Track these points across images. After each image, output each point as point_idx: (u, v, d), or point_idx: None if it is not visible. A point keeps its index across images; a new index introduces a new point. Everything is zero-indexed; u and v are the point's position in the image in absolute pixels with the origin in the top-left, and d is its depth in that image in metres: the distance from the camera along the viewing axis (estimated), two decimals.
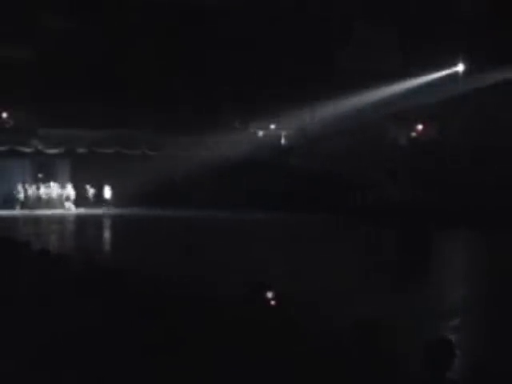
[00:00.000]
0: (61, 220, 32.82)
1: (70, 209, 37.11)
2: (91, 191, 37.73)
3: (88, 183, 37.52)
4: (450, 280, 17.00)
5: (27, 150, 37.28)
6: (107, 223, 32.75)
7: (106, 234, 28.75)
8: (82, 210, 36.89)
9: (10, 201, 36.46)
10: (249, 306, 8.59)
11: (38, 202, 37.10)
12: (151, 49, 38.58)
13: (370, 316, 6.56)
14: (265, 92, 37.73)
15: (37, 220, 32.24)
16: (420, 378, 5.97)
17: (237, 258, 18.35)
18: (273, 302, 8.63)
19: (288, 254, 20.39)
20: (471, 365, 9.63)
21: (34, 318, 9.95)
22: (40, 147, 37.51)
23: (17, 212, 35.38)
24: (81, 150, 38.11)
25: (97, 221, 32.62)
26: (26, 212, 35.35)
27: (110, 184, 37.11)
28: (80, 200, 37.56)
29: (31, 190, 37.00)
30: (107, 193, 37.50)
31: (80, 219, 33.78)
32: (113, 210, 36.60)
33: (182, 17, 38.52)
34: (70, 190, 37.62)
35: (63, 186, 37.74)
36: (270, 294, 8.65)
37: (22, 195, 36.57)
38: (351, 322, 6.49)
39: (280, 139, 41.69)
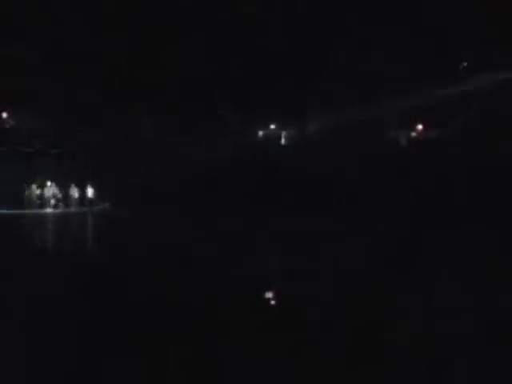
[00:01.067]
0: (53, 219, 34.24)
1: (62, 208, 37.84)
2: (80, 191, 38.26)
3: (81, 183, 37.95)
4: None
5: (27, 149, 37.43)
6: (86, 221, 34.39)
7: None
8: (72, 209, 37.78)
9: (10, 200, 36.65)
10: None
11: (37, 201, 37.51)
12: (150, 47, 38.54)
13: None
14: (265, 92, 37.72)
15: (34, 219, 33.12)
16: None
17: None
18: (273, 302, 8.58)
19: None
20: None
21: None
22: (39, 147, 37.67)
23: (18, 211, 35.71)
24: (77, 151, 38.31)
25: (79, 219, 34.54)
26: (27, 211, 35.82)
27: (105, 184, 37.36)
28: (72, 199, 38.30)
29: (29, 190, 37.33)
30: (91, 192, 38.20)
31: (66, 218, 35.22)
32: (98, 209, 37.47)
33: (182, 16, 38.51)
34: (63, 190, 38.19)
35: (58, 186, 38.16)
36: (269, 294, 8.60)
37: (24, 195, 36.97)
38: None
39: (280, 139, 41.70)
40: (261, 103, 37.62)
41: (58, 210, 37.46)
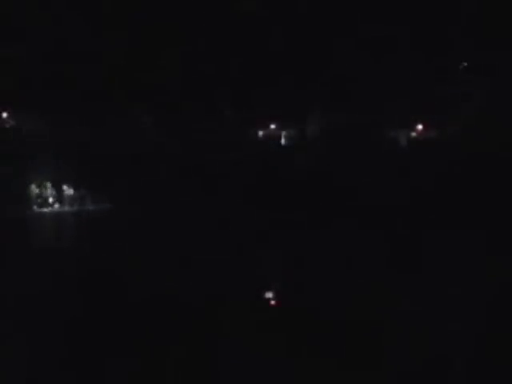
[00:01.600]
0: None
1: (61, 208, 38.06)
2: (79, 191, 38.44)
3: (81, 183, 38.10)
4: None
5: (27, 150, 37.53)
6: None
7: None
8: (71, 209, 37.98)
9: (10, 200, 36.82)
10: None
11: (37, 200, 37.76)
12: (150, 47, 38.58)
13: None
14: (265, 92, 37.74)
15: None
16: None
17: None
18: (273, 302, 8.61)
19: None
20: None
21: None
22: (39, 147, 37.78)
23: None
24: (77, 151, 38.40)
25: (76, 219, 35.24)
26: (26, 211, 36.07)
27: (105, 184, 37.50)
28: (71, 199, 38.50)
29: (29, 190, 37.57)
30: (90, 192, 38.44)
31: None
32: (97, 208, 37.70)
33: (182, 16, 38.52)
34: (63, 190, 38.40)
35: (57, 186, 38.39)
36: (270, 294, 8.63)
37: (29, 195, 37.25)
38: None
39: (280, 139, 41.69)
40: (261, 103, 37.63)
41: (57, 210, 37.64)
